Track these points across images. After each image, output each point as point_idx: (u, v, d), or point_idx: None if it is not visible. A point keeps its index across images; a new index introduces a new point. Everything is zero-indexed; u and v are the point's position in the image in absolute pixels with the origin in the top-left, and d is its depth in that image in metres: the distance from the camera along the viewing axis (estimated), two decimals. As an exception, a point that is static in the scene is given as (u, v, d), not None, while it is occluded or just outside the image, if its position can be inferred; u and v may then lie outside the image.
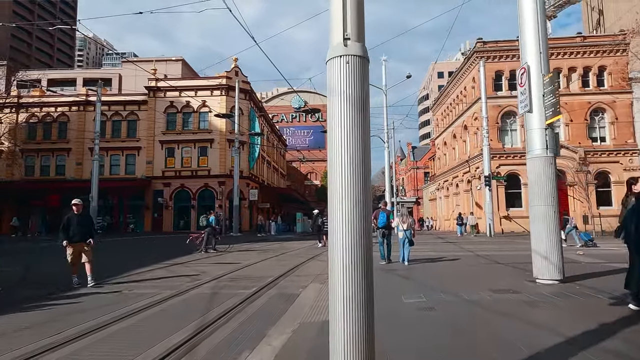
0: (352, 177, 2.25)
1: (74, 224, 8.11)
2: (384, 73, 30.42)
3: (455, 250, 16.15)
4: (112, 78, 48.54)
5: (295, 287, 7.73)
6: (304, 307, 6.01)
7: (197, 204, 35.39)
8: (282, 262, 12.45)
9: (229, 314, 5.61)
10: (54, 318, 5.54)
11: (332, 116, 2.32)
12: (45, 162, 37.17)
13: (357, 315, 2.28)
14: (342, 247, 2.31)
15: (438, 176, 46.88)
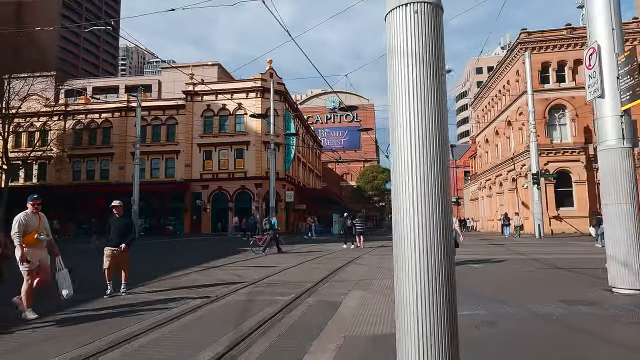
0: (425, 164, 1.67)
1: (113, 227, 7.55)
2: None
3: (505, 252, 15.07)
4: (152, 84, 49.96)
5: (336, 294, 7.18)
6: (347, 318, 5.44)
7: (234, 205, 35.62)
8: (321, 265, 11.93)
9: (266, 324, 5.13)
10: (72, 331, 5.25)
11: (395, 84, 1.74)
12: (90, 167, 38.61)
13: (435, 335, 1.68)
14: (416, 252, 1.73)
15: (479, 175, 44.99)
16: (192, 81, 37.37)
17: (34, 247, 5.76)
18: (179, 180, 36.40)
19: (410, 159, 1.69)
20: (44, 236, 5.94)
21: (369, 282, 8.44)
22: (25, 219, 5.81)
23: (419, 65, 1.67)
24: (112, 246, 7.37)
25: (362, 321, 5.27)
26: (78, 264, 12.87)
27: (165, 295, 7.22)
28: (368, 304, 6.31)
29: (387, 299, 6.61)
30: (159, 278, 9.30)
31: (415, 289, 1.73)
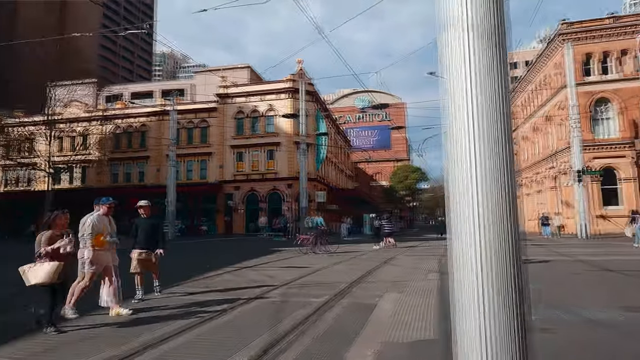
0: (487, 151, 1.44)
1: (140, 229, 7.03)
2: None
3: (547, 254, 14.33)
4: (186, 88, 51.12)
5: (370, 296, 6.93)
6: (384, 321, 5.20)
7: (266, 206, 35.85)
8: (354, 266, 11.70)
9: (300, 328, 4.97)
10: (103, 332, 5.26)
11: (452, 57, 1.50)
12: (128, 170, 39.90)
13: (502, 341, 1.44)
14: (478, 250, 1.49)
15: (517, 173, 43.37)
16: (224, 84, 37.94)
17: (102, 250, 5.80)
18: (212, 181, 37.02)
19: (468, 145, 1.46)
20: (113, 239, 5.99)
21: (404, 283, 8.15)
22: (97, 221, 5.85)
23: (479, 39, 1.43)
24: (139, 248, 6.96)
25: (400, 325, 5.02)
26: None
27: (198, 296, 7.20)
28: (405, 306, 6.04)
29: (425, 302, 6.32)
30: (192, 278, 9.35)
31: (479, 291, 1.49)
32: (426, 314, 5.53)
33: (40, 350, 4.32)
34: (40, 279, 4.82)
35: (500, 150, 1.44)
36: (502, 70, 1.46)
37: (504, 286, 1.45)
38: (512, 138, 1.52)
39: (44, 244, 4.98)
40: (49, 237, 5.05)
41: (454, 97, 1.49)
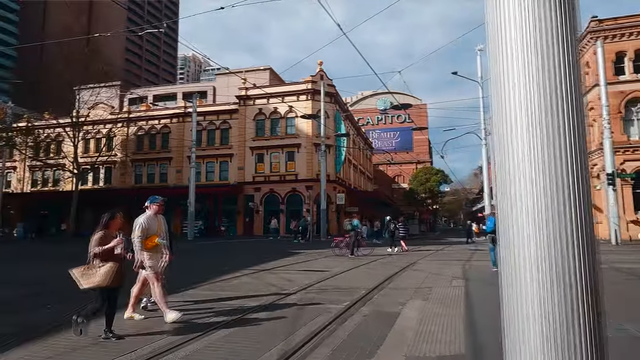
0: (555, 142, 1.14)
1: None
2: (479, 64, 27.95)
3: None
4: (207, 90, 51.51)
5: (392, 303, 6.60)
6: (407, 333, 4.87)
7: (285, 208, 35.76)
8: (374, 270, 11.36)
9: (318, 337, 4.69)
10: (97, 342, 5.09)
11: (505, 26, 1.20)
12: (150, 171, 40.48)
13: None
14: (539, 254, 1.19)
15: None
16: (244, 86, 38.09)
17: (154, 252, 5.57)
18: (232, 183, 37.17)
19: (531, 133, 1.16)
20: (165, 240, 5.76)
21: (428, 290, 7.78)
22: (148, 222, 5.61)
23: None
24: None
25: (425, 337, 4.69)
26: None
27: (214, 300, 7.01)
28: (430, 316, 5.69)
29: (452, 312, 5.95)
30: (209, 280, 9.20)
31: (539, 303, 1.18)
32: (453, 325, 5.18)
33: (47, 356, 4.17)
34: (94, 283, 4.56)
35: (573, 155, 1.15)
36: (571, 43, 1.16)
37: (577, 301, 1.15)
38: (585, 132, 1.22)
39: (96, 244, 4.72)
40: (101, 237, 4.79)
41: (506, 79, 1.20)
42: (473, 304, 6.45)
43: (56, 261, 15.08)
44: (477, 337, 4.61)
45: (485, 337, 4.63)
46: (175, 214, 38.12)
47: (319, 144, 32.17)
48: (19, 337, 4.74)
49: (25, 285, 8.89)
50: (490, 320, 5.28)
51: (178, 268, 12.34)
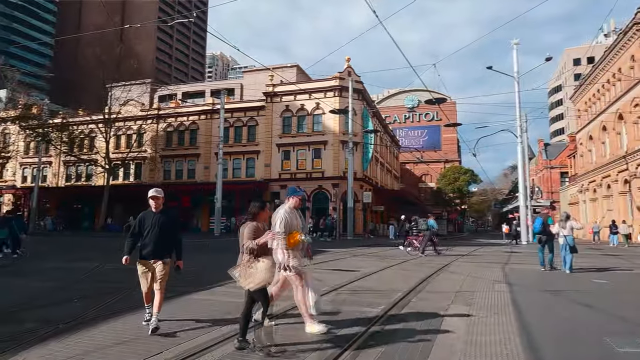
0: None
1: (149, 228, 4.86)
2: (515, 58, 26.80)
3: (623, 263, 12.73)
4: (235, 88, 51.85)
5: (432, 308, 6.10)
6: (455, 343, 4.38)
7: (311, 205, 35.47)
8: (406, 272, 10.83)
9: (355, 345, 4.26)
10: (133, 343, 4.80)
11: None
12: (179, 167, 40.97)
13: None
14: None
15: (581, 176, 40.16)
16: (271, 83, 37.98)
17: (295, 250, 4.86)
18: (258, 179, 37.15)
19: None
20: (308, 238, 5.00)
21: (470, 295, 7.22)
22: (289, 216, 4.85)
23: None
24: (146, 257, 4.82)
25: (478, 349, 4.18)
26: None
27: (241, 300, 6.68)
28: (477, 324, 5.17)
29: (502, 320, 5.41)
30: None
31: None
32: (507, 336, 4.65)
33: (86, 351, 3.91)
34: (257, 282, 4.04)
35: None
36: None
37: None
38: None
39: (249, 237, 4.19)
40: (254, 230, 4.24)
41: None
42: (523, 312, 5.87)
43: (80, 254, 15.24)
44: (540, 353, 4.07)
45: (549, 353, 4.09)
46: (202, 210, 38.52)
47: (346, 141, 31.69)
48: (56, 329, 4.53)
49: (53, 279, 8.84)
50: (549, 332, 4.72)
51: (206, 264, 12.18)
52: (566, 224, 10.48)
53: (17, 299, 6.56)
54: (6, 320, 5.37)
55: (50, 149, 41.13)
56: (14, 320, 5.38)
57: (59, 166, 45.51)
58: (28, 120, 38.84)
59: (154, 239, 4.82)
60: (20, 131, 40.58)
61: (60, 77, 54.23)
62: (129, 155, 39.29)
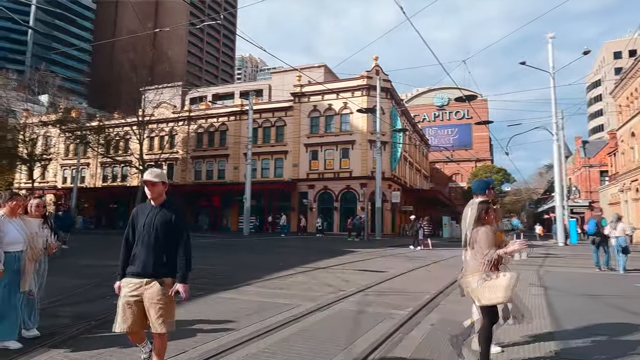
0: None
1: (141, 229, 3.22)
2: (551, 52, 25.83)
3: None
4: (263, 89, 52.39)
5: (463, 311, 5.90)
6: (486, 349, 4.21)
7: (339, 205, 35.39)
8: (435, 273, 10.62)
9: (382, 347, 4.18)
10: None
11: None
12: (209, 167, 41.77)
13: None
14: None
15: (622, 175, 38.23)
16: (299, 83, 38.13)
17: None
18: (287, 179, 37.38)
19: None
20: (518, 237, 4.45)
21: (501, 298, 6.95)
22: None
23: None
24: (134, 274, 3.15)
25: (510, 356, 4.01)
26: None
27: (268, 299, 6.71)
28: (510, 328, 4.95)
29: (537, 324, 5.18)
30: (264, 278, 8.96)
31: None
32: (541, 341, 4.44)
33: (101, 352, 4.01)
34: (497, 299, 3.46)
35: None
36: None
37: None
38: None
39: (488, 245, 3.51)
40: (491, 236, 3.56)
41: None
42: (559, 317, 5.61)
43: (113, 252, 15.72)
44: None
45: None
46: (232, 210, 39.14)
47: (374, 141, 31.43)
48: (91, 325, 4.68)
49: (87, 276, 9.15)
50: (585, 338, 4.49)
51: (234, 263, 12.34)
52: (617, 225, 10.49)
53: (53, 295, 6.81)
54: (43, 315, 5.58)
55: (88, 151, 42.84)
56: (50, 315, 5.59)
57: (96, 167, 47.33)
58: (67, 124, 40.57)
59: (148, 245, 3.14)
60: (60, 134, 42.45)
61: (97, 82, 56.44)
62: (162, 156, 40.38)
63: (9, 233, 4.25)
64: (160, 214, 3.23)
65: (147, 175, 3.31)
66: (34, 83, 45.41)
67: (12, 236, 4.25)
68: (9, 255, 4.19)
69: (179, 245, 3.20)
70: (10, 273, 4.17)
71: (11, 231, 4.27)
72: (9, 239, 4.22)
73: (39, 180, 44.30)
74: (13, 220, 4.35)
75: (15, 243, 4.26)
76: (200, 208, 40.74)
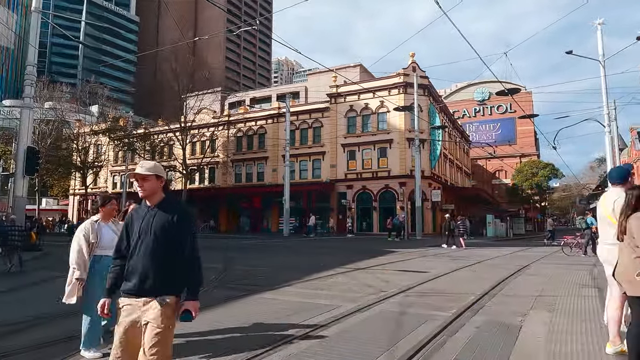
0: None
1: (136, 236, 2.58)
2: (600, 40, 24.34)
3: None
4: (300, 91, 52.91)
5: (509, 313, 5.70)
6: (536, 353, 4.04)
7: (378, 205, 35.10)
8: (480, 274, 10.27)
9: (426, 349, 4.10)
10: (201, 339, 4.97)
11: None
12: (248, 170, 42.66)
13: None
14: None
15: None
16: (335, 84, 38.17)
17: None
18: (325, 180, 37.50)
19: None
20: None
21: (552, 299, 6.65)
22: None
23: None
24: (129, 292, 2.50)
25: (558, 359, 3.82)
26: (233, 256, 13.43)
27: (309, 300, 6.75)
28: (561, 332, 4.73)
29: (588, 327, 4.91)
30: (304, 279, 9.03)
31: None
32: (595, 347, 4.20)
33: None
34: None
35: None
36: None
37: None
38: None
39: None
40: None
41: None
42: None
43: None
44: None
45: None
46: (272, 211, 39.76)
47: (412, 139, 30.93)
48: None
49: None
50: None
51: (275, 264, 12.52)
52: None
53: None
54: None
55: (135, 157, 44.91)
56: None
57: (143, 173, 49.51)
58: (116, 132, 42.74)
59: (144, 256, 2.51)
60: (109, 142, 44.77)
61: (142, 91, 59.12)
62: (203, 160, 41.64)
63: (105, 237, 4.20)
64: (158, 216, 2.58)
65: (139, 168, 2.68)
66: (85, 95, 48.20)
67: (108, 240, 4.17)
68: (107, 259, 3.84)
69: (183, 253, 2.54)
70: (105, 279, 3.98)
71: (106, 235, 4.22)
72: (104, 243, 4.17)
73: (92, 186, 46.95)
74: (108, 224, 4.31)
75: (111, 248, 3.36)
76: (241, 210, 41.76)
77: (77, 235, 4.22)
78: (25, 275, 10.19)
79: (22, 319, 5.38)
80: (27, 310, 6.07)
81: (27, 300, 7.28)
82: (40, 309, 5.98)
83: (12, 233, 11.47)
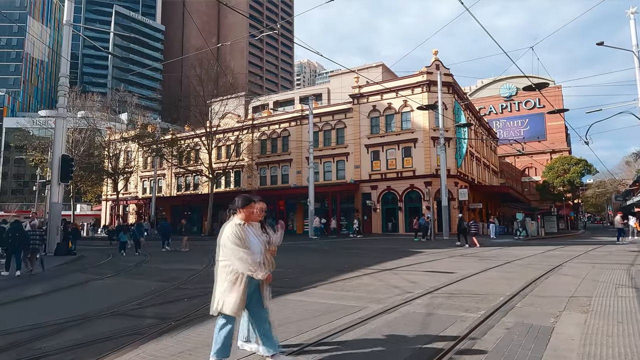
0: None
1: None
2: (633, 29, 23.39)
3: None
4: (322, 93, 52.97)
5: (541, 315, 5.54)
6: (569, 355, 3.92)
7: (403, 205, 34.74)
8: (510, 274, 10.02)
9: (453, 352, 4.04)
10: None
11: None
12: (273, 173, 43.02)
13: None
14: None
15: None
16: (357, 84, 38.06)
17: None
18: (349, 181, 37.41)
19: None
20: None
21: (586, 300, 6.43)
22: None
23: None
24: None
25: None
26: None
27: (335, 300, 6.76)
28: (596, 334, 4.57)
29: (626, 329, 4.72)
30: (330, 280, 9.05)
31: None
32: (632, 349, 4.04)
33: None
34: None
35: None
36: None
37: None
38: None
39: None
40: None
41: None
42: (656, 322, 5.05)
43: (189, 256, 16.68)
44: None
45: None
46: (297, 213, 39.96)
47: (437, 138, 30.47)
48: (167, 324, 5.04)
49: (168, 279, 9.82)
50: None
51: (300, 266, 12.59)
52: None
53: (139, 297, 7.40)
54: (130, 315, 6.09)
55: (163, 162, 46.06)
56: (136, 315, 6.09)
57: (171, 177, 50.70)
58: (144, 139, 43.94)
59: None
60: (138, 148, 46.08)
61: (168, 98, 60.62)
62: (229, 164, 42.27)
63: (252, 243, 3.74)
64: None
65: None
66: (115, 103, 49.79)
67: (255, 245, 3.75)
68: None
69: None
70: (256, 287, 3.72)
71: (252, 239, 3.77)
72: (253, 248, 3.72)
73: (123, 192, 48.37)
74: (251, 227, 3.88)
75: (256, 253, 3.69)
76: (267, 212, 42.05)
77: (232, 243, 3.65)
78: (60, 279, 10.62)
79: (65, 319, 5.62)
80: (70, 311, 6.33)
81: (68, 303, 7.59)
82: (80, 310, 6.23)
83: (34, 238, 11.86)
